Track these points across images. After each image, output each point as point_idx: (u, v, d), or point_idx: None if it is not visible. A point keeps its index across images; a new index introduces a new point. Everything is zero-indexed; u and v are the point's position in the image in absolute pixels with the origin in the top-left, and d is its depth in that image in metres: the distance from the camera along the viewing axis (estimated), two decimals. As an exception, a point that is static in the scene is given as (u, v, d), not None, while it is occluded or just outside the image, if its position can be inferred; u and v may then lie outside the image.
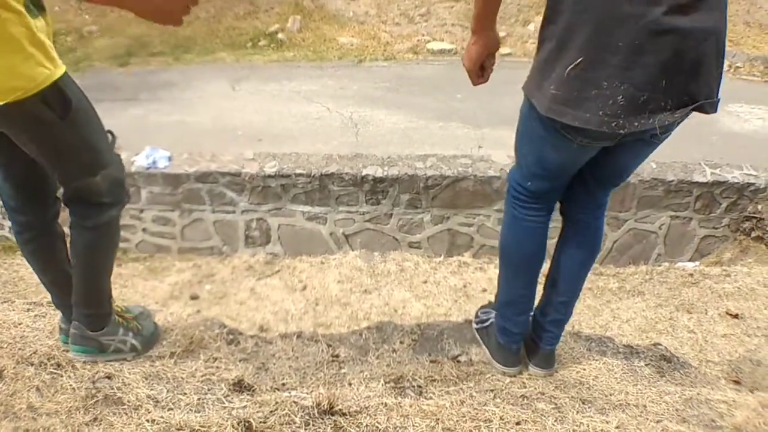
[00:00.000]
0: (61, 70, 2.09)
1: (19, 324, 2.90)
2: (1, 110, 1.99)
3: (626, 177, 2.47)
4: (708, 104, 1.94)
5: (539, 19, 2.19)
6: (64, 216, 2.48)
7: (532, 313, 2.81)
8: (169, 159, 6.46)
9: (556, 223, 2.60)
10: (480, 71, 2.44)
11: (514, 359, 2.81)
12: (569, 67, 1.91)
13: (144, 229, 6.71)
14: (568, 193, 2.51)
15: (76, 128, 2.22)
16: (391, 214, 6.55)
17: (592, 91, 1.90)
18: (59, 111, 2.12)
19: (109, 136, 2.46)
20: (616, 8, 1.80)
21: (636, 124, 1.92)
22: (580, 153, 2.21)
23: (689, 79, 1.89)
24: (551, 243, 2.62)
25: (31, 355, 2.59)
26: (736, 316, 3.85)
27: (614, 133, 1.96)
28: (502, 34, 12.83)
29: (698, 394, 2.71)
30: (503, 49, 12.59)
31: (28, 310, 3.09)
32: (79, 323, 2.60)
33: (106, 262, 2.60)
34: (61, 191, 2.42)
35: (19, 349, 2.63)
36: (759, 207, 6.54)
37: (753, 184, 6.54)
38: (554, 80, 1.97)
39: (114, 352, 2.69)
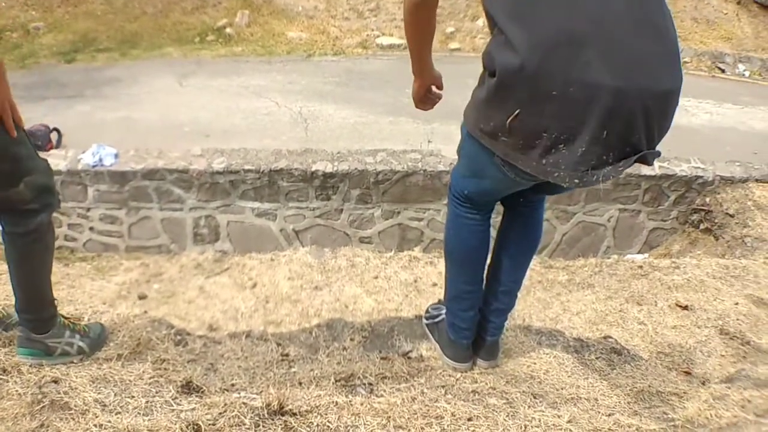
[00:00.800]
0: None
1: (-38, 329, 2.84)
2: None
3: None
4: (649, 154, 1.91)
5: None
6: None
7: None
8: (116, 156, 6.36)
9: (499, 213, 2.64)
10: (424, 102, 2.56)
11: (465, 354, 2.83)
12: (509, 118, 1.90)
13: (91, 228, 6.61)
14: None
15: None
16: (342, 210, 6.55)
17: (536, 141, 1.89)
18: None
19: (56, 133, 2.43)
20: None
21: (577, 181, 1.91)
22: (516, 184, 2.25)
23: (629, 131, 1.85)
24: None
25: (-26, 360, 2.54)
26: (685, 308, 3.91)
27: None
28: (450, 29, 12.96)
29: (649, 386, 2.75)
30: (452, 44, 12.65)
31: (-28, 314, 3.02)
32: (24, 327, 2.56)
33: (41, 267, 2.56)
34: None
35: (-38, 355, 2.58)
36: (707, 199, 6.67)
37: (701, 177, 6.67)
38: (499, 128, 1.96)
39: (61, 355, 2.64)
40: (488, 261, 2.71)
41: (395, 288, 4.83)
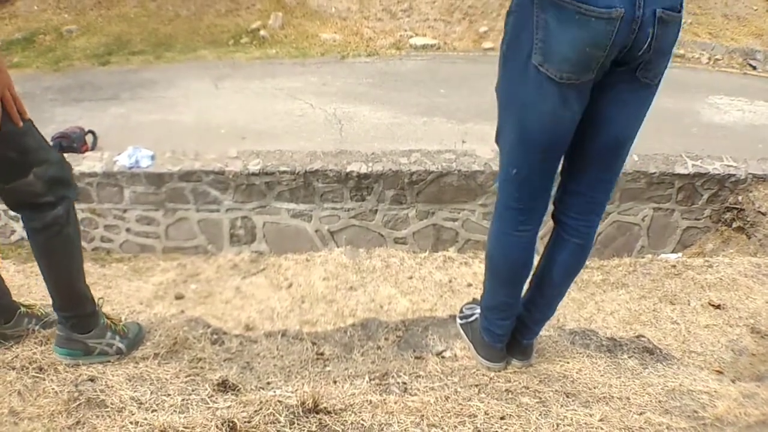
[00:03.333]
0: None
1: (0, 328, 2.88)
2: None
3: (618, 155, 2.35)
4: None
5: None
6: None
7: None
8: (152, 158, 6.43)
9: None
10: None
11: (500, 355, 2.81)
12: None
13: (128, 229, 6.68)
14: (559, 196, 2.48)
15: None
16: (376, 210, 6.55)
17: None
18: None
19: (91, 135, 2.43)
20: None
21: None
22: (564, 105, 2.15)
23: None
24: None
25: (12, 359, 2.56)
26: (718, 307, 3.87)
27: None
28: (483, 29, 12.91)
29: (681, 385, 2.72)
30: (485, 44, 12.61)
31: (9, 313, 3.06)
32: (63, 326, 2.57)
33: (68, 262, 2.53)
34: None
35: (0, 353, 2.61)
36: (739, 198, 6.59)
37: (733, 175, 6.60)
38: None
39: (99, 355, 2.66)
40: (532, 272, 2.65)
41: (430, 288, 4.83)
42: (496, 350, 2.79)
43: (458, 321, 3.14)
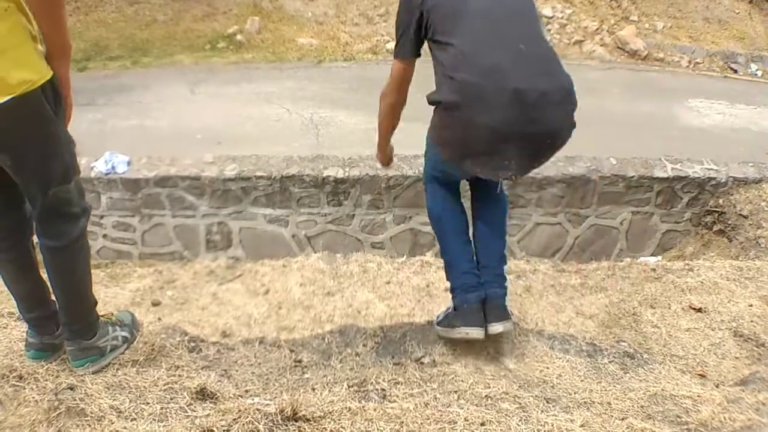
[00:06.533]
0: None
1: (-22, 337, 2.86)
2: (7, 106, 1.95)
3: None
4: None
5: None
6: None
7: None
8: (128, 164, 6.40)
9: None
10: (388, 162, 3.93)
11: (477, 317, 2.93)
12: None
13: (104, 236, 6.65)
14: None
15: (62, 125, 2.21)
16: (354, 215, 6.56)
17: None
18: (53, 106, 2.11)
19: None
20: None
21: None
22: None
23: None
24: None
25: (-10, 368, 2.56)
26: (699, 310, 3.89)
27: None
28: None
29: (663, 389, 2.74)
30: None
31: (-13, 322, 3.04)
32: (72, 339, 2.56)
33: (85, 275, 2.56)
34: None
35: (-22, 363, 2.60)
36: (720, 201, 6.65)
37: (714, 178, 6.66)
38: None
39: (111, 351, 2.69)
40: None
41: (407, 293, 4.83)
42: (474, 312, 2.94)
43: (436, 327, 3.19)
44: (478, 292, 2.97)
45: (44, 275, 2.50)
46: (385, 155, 3.81)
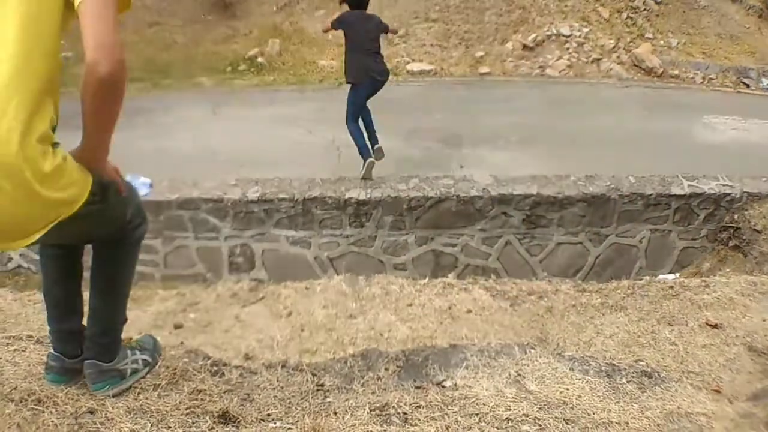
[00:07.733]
0: None
1: (-1, 360, 2.86)
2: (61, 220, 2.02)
3: None
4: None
5: (516, 37, 2.34)
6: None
7: None
8: (150, 186, 6.42)
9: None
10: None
11: None
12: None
13: (127, 258, 6.66)
14: None
15: (112, 203, 2.30)
16: (375, 237, 6.56)
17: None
18: (100, 197, 2.15)
19: None
20: None
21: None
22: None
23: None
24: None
25: (11, 391, 2.54)
26: (715, 326, 3.89)
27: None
28: (480, 53, 13.00)
29: (679, 407, 2.73)
30: (482, 68, 12.68)
31: (7, 344, 3.02)
32: (93, 358, 2.53)
33: (127, 281, 2.63)
34: None
35: (-2, 385, 2.59)
36: (735, 216, 6.65)
37: (729, 194, 6.66)
38: None
39: (132, 374, 2.67)
40: None
41: (429, 315, 4.82)
42: None
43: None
44: None
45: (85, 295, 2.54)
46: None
